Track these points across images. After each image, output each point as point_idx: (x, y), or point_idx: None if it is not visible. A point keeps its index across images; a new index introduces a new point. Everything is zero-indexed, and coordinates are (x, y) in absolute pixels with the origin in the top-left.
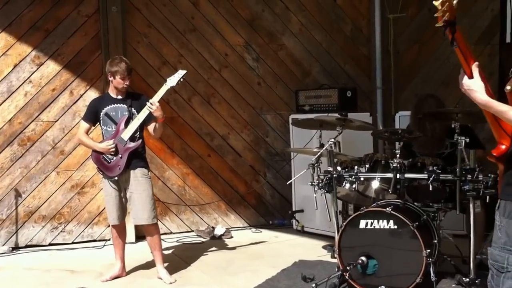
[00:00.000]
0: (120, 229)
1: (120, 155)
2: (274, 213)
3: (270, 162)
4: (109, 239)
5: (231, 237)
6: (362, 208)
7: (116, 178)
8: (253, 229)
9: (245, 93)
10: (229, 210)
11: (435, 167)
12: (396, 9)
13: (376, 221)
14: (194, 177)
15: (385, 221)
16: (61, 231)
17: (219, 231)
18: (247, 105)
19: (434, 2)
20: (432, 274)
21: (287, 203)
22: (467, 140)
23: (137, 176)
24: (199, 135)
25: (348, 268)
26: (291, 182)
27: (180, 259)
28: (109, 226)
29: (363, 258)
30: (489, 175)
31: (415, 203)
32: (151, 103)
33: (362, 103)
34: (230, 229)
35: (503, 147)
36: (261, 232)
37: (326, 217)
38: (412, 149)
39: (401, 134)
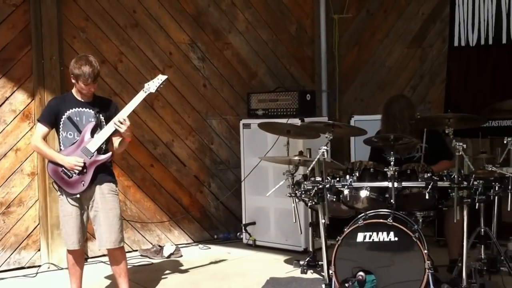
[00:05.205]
0: (79, 255)
1: (84, 170)
2: (219, 226)
3: (215, 172)
4: (40, 266)
5: (181, 255)
6: (359, 221)
7: (78, 195)
8: (201, 245)
9: (190, 96)
10: (173, 226)
11: (428, 174)
12: (339, 9)
13: (375, 233)
14: (135, 190)
15: (385, 233)
16: None
17: (168, 250)
18: (192, 109)
19: None
20: (431, 286)
21: (232, 216)
22: (464, 146)
23: (104, 192)
24: (141, 143)
25: (347, 285)
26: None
27: (137, 284)
28: (39, 250)
29: (362, 273)
30: (479, 181)
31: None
32: (120, 121)
33: None
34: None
35: None
36: (209, 248)
37: (281, 229)
38: (383, 154)
39: (392, 140)
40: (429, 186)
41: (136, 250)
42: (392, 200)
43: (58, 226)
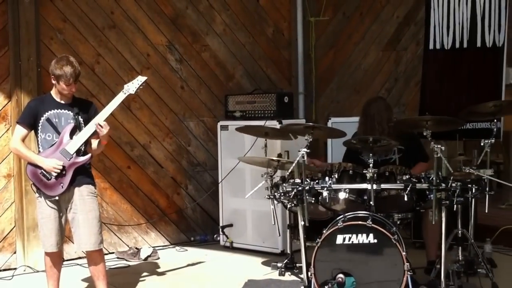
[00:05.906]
0: (57, 257)
1: (63, 172)
2: (196, 228)
3: (192, 173)
4: (16, 268)
5: (158, 258)
6: (339, 223)
7: (56, 197)
8: (178, 248)
9: (168, 97)
10: (150, 228)
11: (406, 176)
12: (316, 12)
13: (354, 235)
14: (112, 192)
15: (364, 235)
16: None
17: (145, 252)
18: (169, 111)
19: None
20: None
21: (209, 218)
22: (442, 148)
23: (83, 194)
24: (118, 145)
25: (326, 287)
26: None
27: (114, 286)
28: (15, 253)
29: (341, 275)
30: (457, 183)
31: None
32: (100, 125)
33: None
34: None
35: None
36: (186, 250)
37: (258, 231)
38: (360, 156)
39: (371, 142)
40: (408, 188)
41: (113, 253)
42: (371, 202)
43: (34, 229)
